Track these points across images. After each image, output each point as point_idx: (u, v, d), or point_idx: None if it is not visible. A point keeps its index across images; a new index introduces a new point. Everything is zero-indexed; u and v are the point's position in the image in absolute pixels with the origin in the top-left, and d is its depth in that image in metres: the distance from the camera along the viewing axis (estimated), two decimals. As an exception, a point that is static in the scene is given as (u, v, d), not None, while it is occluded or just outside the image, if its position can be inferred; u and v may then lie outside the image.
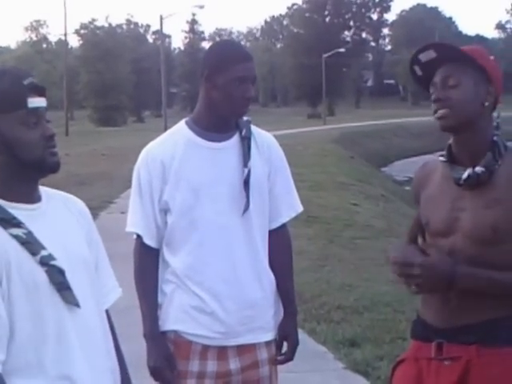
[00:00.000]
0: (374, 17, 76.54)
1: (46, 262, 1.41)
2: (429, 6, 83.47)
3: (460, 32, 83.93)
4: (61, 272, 1.42)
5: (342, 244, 8.05)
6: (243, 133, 2.14)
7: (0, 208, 1.41)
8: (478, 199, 1.78)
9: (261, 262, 2.15)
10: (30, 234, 1.41)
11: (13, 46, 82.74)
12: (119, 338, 1.68)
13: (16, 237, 1.40)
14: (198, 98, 2.16)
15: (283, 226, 2.23)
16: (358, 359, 4.25)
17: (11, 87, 1.42)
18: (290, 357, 2.24)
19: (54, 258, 1.42)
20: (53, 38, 70.13)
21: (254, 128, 2.19)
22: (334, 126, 39.26)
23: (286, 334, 2.22)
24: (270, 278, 2.18)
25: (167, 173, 2.09)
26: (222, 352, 2.12)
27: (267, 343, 2.18)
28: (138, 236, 2.15)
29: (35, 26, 72.55)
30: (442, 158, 1.86)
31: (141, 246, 2.14)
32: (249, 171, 2.10)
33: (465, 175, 1.79)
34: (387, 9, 76.53)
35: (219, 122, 2.11)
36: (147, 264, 2.14)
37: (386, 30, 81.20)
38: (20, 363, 1.37)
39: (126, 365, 1.66)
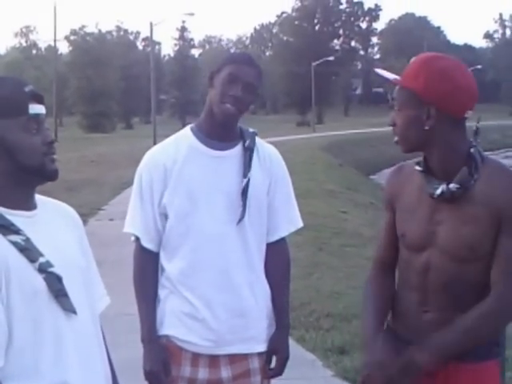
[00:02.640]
0: (363, 25, 76.97)
1: (44, 269, 1.42)
2: (417, 15, 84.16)
3: (448, 41, 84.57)
4: (58, 279, 1.43)
5: (330, 252, 8.07)
6: (246, 143, 2.15)
7: None
8: (455, 214, 1.72)
9: (254, 272, 2.15)
10: (28, 240, 1.42)
11: (2, 51, 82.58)
12: (108, 345, 1.68)
13: (15, 243, 1.40)
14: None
15: (282, 240, 2.22)
16: (347, 367, 4.26)
17: (13, 93, 1.44)
18: (279, 371, 2.23)
19: (51, 265, 1.43)
20: (42, 44, 70.05)
21: (258, 140, 2.20)
22: (322, 134, 39.38)
23: (277, 348, 2.20)
24: (264, 288, 2.18)
25: (168, 177, 2.10)
26: (213, 360, 2.11)
27: (260, 354, 2.18)
28: (137, 238, 2.16)
29: (25, 32, 72.43)
30: (417, 168, 1.79)
31: (140, 249, 2.16)
32: (247, 181, 2.10)
33: (438, 191, 1.72)
34: (376, 18, 76.99)
35: (219, 127, 2.12)
36: (146, 267, 2.15)
37: (374, 39, 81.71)
38: (17, 368, 1.38)
39: (115, 372, 1.67)
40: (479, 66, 62.68)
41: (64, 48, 67.98)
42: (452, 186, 1.71)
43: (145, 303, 2.14)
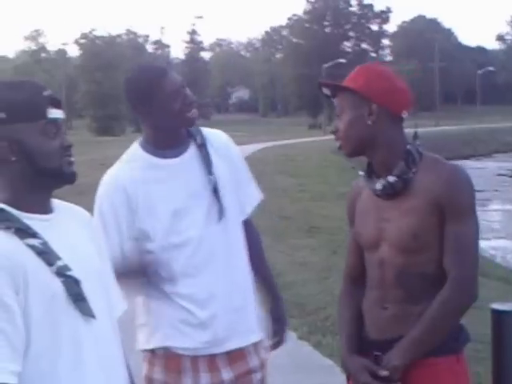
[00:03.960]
0: (374, 28, 77.00)
1: (63, 273, 1.42)
2: (429, 17, 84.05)
3: (460, 43, 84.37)
4: (77, 283, 1.43)
5: (345, 255, 7.95)
6: (198, 140, 2.13)
7: (15, 218, 1.42)
8: (398, 209, 1.82)
9: (242, 264, 2.16)
10: (45, 244, 1.42)
11: (11, 55, 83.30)
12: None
13: (32, 247, 1.40)
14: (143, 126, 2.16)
15: (249, 217, 2.27)
16: (366, 374, 4.17)
17: (32, 97, 1.46)
18: (282, 339, 2.28)
19: (69, 269, 1.43)
20: (52, 48, 70.49)
21: (203, 130, 2.19)
22: (334, 137, 39.28)
23: (277, 317, 2.26)
24: (251, 280, 2.19)
25: (133, 200, 2.06)
26: (212, 362, 2.10)
27: (255, 346, 2.17)
28: None
29: (34, 36, 72.82)
30: (361, 173, 1.91)
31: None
32: (215, 178, 2.10)
33: (379, 185, 1.84)
34: (386, 20, 76.99)
35: (170, 138, 2.10)
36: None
37: (386, 41, 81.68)
38: (35, 373, 1.37)
39: (133, 377, 1.66)
40: (491, 68, 62.52)
41: (73, 51, 68.59)
42: (390, 178, 1.81)
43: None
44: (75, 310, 1.43)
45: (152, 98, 2.03)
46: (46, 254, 1.41)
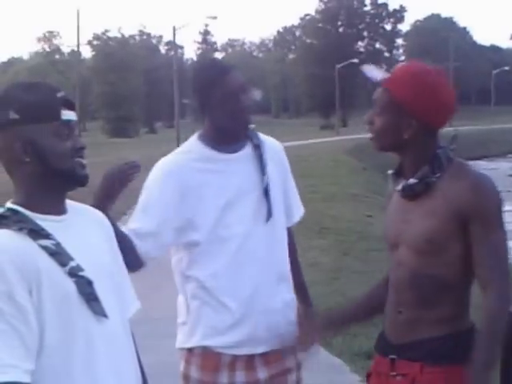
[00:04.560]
0: (388, 27, 76.67)
1: (75, 273, 1.43)
2: (443, 16, 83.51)
3: (475, 42, 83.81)
4: (89, 283, 1.45)
5: (356, 256, 8.02)
6: (255, 141, 2.17)
7: (28, 219, 1.44)
8: (418, 211, 1.81)
9: (285, 267, 2.20)
10: (58, 245, 1.43)
11: (25, 56, 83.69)
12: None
13: (45, 248, 1.42)
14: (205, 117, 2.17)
15: (290, 227, 2.31)
16: (375, 373, 4.22)
17: (46, 99, 1.47)
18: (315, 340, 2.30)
19: (82, 269, 1.44)
20: (66, 49, 70.81)
21: (260, 134, 2.23)
22: (346, 137, 39.25)
23: (311, 321, 2.26)
24: (291, 283, 2.23)
25: (185, 188, 2.08)
26: (249, 361, 2.13)
27: (293, 348, 2.18)
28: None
29: (48, 37, 73.24)
30: (390, 172, 1.91)
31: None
32: (267, 179, 2.14)
33: (399, 187, 1.84)
34: (401, 19, 76.61)
35: (228, 136, 2.14)
36: None
37: (399, 41, 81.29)
38: (49, 371, 1.39)
39: (146, 376, 1.68)
40: (506, 68, 62.00)
41: (87, 53, 68.84)
42: (411, 180, 1.81)
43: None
44: (88, 309, 1.44)
45: (210, 94, 2.07)
46: (58, 255, 1.43)
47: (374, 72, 1.86)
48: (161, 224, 2.07)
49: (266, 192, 2.13)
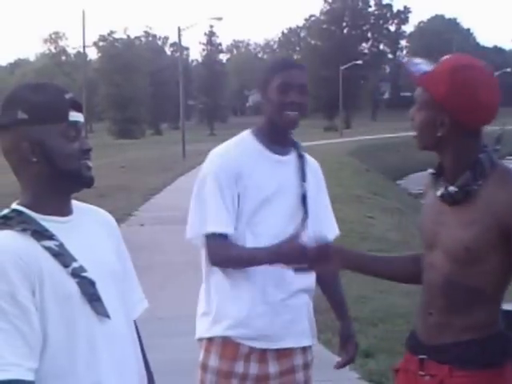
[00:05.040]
0: (392, 28, 76.32)
1: (78, 274, 1.44)
2: (447, 17, 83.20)
3: (478, 43, 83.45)
4: (91, 283, 1.46)
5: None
6: (300, 150, 2.29)
7: (33, 220, 1.45)
8: (456, 217, 1.74)
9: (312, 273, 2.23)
10: (61, 246, 1.44)
11: (32, 58, 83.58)
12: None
13: (48, 249, 1.43)
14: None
15: None
16: (373, 369, 4.33)
17: (55, 100, 1.47)
18: (352, 357, 2.38)
19: (85, 270, 1.45)
20: (71, 51, 70.71)
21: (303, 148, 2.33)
22: (350, 139, 39.18)
23: (350, 335, 2.37)
24: (312, 286, 2.30)
25: (239, 180, 2.16)
26: (262, 355, 2.20)
27: (303, 349, 2.27)
28: (220, 234, 2.14)
29: (54, 38, 73.08)
30: (430, 171, 1.85)
31: (225, 242, 2.14)
32: (306, 186, 2.23)
33: (439, 193, 1.77)
34: (405, 20, 76.29)
35: (281, 134, 2.24)
36: (235, 246, 2.15)
37: (403, 42, 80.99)
38: (53, 370, 1.42)
39: (153, 376, 1.71)
40: (508, 69, 61.72)
41: (93, 54, 68.65)
42: (451, 188, 1.74)
43: (252, 253, 2.14)
44: (90, 310, 1.44)
45: (266, 85, 2.18)
46: (61, 256, 1.43)
47: (421, 66, 1.77)
48: (234, 207, 2.15)
49: (304, 198, 2.21)
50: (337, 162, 22.46)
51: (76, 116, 1.49)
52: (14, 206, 1.49)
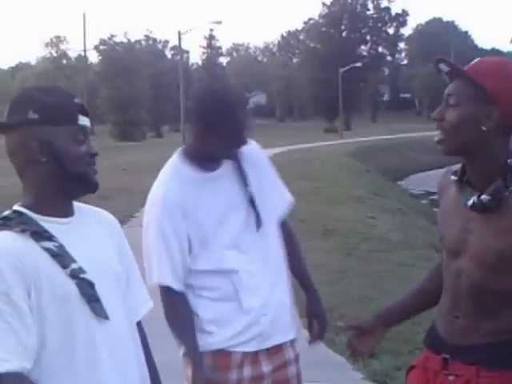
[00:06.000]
0: (391, 31, 76.39)
1: (77, 275, 1.45)
2: (445, 19, 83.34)
3: (476, 46, 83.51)
4: (90, 285, 1.46)
5: (359, 257, 8.09)
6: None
7: (32, 221, 1.46)
8: (487, 225, 1.70)
9: (281, 269, 2.28)
10: (61, 247, 1.45)
11: (33, 61, 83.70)
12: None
13: (47, 250, 1.43)
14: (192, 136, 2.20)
15: (284, 220, 2.35)
16: (377, 370, 4.32)
17: (65, 103, 1.49)
18: (322, 334, 2.37)
19: (84, 271, 1.46)
20: (73, 54, 70.87)
21: None
22: (350, 140, 39.21)
23: (316, 311, 2.36)
24: (289, 282, 2.31)
25: (185, 217, 2.14)
26: (255, 356, 2.21)
27: (291, 342, 2.29)
28: (167, 287, 2.16)
29: (55, 42, 73.25)
30: (453, 177, 1.77)
31: (172, 295, 2.16)
32: (250, 189, 2.20)
33: (470, 202, 1.70)
34: (403, 23, 76.42)
35: (216, 161, 2.19)
36: (183, 309, 2.17)
37: (402, 45, 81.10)
38: (53, 370, 1.42)
39: (159, 375, 1.71)
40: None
41: (94, 58, 68.68)
42: (484, 197, 1.68)
43: (195, 345, 2.16)
44: (89, 311, 1.45)
45: (224, 127, 2.08)
46: (60, 257, 1.43)
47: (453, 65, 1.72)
48: (182, 254, 2.15)
49: (252, 202, 2.19)
50: (337, 163, 22.47)
51: (84, 120, 1.51)
52: (15, 207, 1.50)
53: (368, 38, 73.59)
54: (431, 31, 76.88)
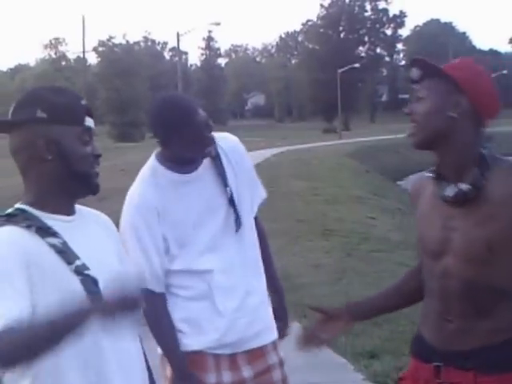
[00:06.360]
0: (389, 32, 76.56)
1: (81, 272, 1.46)
2: (443, 21, 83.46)
3: (474, 46, 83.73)
4: (94, 282, 1.47)
5: (359, 257, 8.06)
6: (212, 153, 2.18)
7: (36, 218, 1.48)
8: (468, 218, 1.69)
9: (259, 270, 2.25)
10: (65, 243, 1.47)
11: (32, 63, 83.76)
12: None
13: (53, 246, 1.45)
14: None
15: (256, 215, 2.33)
16: (378, 371, 4.28)
17: (73, 104, 1.52)
18: (283, 334, 2.31)
19: (87, 268, 1.47)
20: (71, 56, 70.86)
21: (216, 136, 2.22)
22: (349, 141, 39.26)
23: (278, 312, 2.31)
24: (265, 283, 2.28)
25: (161, 220, 2.12)
26: (233, 361, 2.18)
27: (273, 345, 2.25)
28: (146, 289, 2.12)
29: (54, 44, 73.29)
30: (429, 174, 1.79)
31: (153, 298, 2.10)
32: (230, 190, 2.17)
33: (451, 193, 1.70)
34: (401, 24, 76.56)
35: (188, 163, 2.16)
36: (164, 311, 2.16)
37: (400, 45, 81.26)
38: (54, 365, 1.42)
39: (152, 371, 1.73)
40: (505, 71, 61.92)
41: (93, 59, 68.78)
42: (464, 186, 1.69)
43: (175, 346, 2.15)
44: None
45: (177, 132, 2.08)
46: (65, 253, 1.45)
47: (417, 71, 1.78)
48: (160, 257, 2.13)
49: (231, 203, 2.17)
50: (336, 164, 22.48)
51: (90, 122, 1.54)
52: (17, 205, 1.51)
53: (366, 39, 73.76)
54: (429, 32, 77.12)
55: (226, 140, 2.27)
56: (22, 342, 1.28)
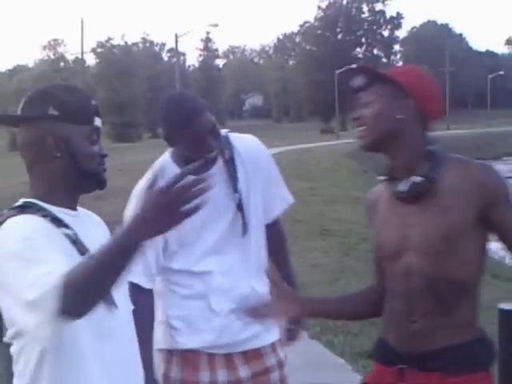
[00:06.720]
0: (386, 34, 76.77)
1: None
2: (439, 22, 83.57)
3: (470, 48, 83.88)
4: None
5: (357, 257, 8.06)
6: (226, 155, 2.17)
7: (48, 210, 1.50)
8: (425, 212, 1.71)
9: (261, 276, 2.19)
10: (76, 235, 1.50)
11: (30, 64, 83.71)
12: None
13: (67, 235, 1.48)
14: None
15: (277, 219, 2.32)
16: (376, 370, 4.28)
17: (84, 103, 1.56)
18: (295, 337, 2.30)
19: None
20: (70, 57, 70.82)
21: (233, 138, 2.20)
22: (346, 141, 39.22)
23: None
24: (266, 283, 2.25)
25: None
26: (228, 360, 2.17)
27: (272, 347, 2.23)
28: (136, 284, 2.06)
29: (53, 45, 73.21)
30: (381, 177, 1.83)
31: (138, 293, 2.03)
32: (240, 195, 2.15)
33: (403, 186, 1.73)
34: (398, 26, 76.71)
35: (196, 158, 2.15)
36: (146, 308, 2.10)
37: (397, 47, 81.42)
38: (58, 354, 1.43)
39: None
40: (501, 72, 62.02)
41: (91, 60, 68.69)
42: (416, 178, 1.71)
43: (149, 348, 2.10)
44: None
45: (180, 132, 2.08)
46: (78, 244, 1.48)
47: (361, 79, 1.85)
48: (157, 253, 2.12)
49: (240, 208, 2.15)
50: (334, 164, 22.49)
51: (98, 122, 1.57)
52: (24, 199, 1.52)
53: (363, 40, 73.92)
54: (426, 34, 77.27)
55: (244, 142, 2.25)
56: (94, 268, 1.29)
